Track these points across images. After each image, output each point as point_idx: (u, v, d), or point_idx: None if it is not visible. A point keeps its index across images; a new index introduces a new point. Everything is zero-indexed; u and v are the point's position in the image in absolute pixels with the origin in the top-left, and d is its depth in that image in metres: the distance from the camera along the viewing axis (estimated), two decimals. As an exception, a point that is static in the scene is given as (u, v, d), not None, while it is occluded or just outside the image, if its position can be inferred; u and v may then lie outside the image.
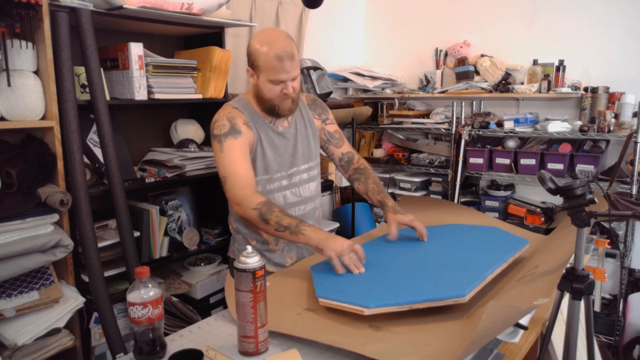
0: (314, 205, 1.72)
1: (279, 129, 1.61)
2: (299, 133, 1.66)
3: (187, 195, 2.35)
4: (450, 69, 3.24)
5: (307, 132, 1.68)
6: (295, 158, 1.64)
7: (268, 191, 1.59)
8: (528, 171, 2.81)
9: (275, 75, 1.48)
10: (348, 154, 1.78)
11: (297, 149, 1.64)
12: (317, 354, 1.07)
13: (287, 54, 1.47)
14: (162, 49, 2.25)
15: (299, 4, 2.93)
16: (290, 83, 1.50)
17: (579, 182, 1.10)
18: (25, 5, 1.52)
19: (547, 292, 1.07)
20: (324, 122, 1.75)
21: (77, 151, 1.68)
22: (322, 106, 1.77)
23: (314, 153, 1.71)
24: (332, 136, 1.76)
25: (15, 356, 1.57)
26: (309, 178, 1.68)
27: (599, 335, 2.65)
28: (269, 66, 1.47)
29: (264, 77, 1.49)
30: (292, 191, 1.64)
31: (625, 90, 2.66)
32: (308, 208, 1.69)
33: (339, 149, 1.77)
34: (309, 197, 1.69)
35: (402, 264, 1.38)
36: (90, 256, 1.72)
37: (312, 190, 1.70)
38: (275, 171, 1.59)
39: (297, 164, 1.64)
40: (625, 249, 2.57)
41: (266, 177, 1.58)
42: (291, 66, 1.48)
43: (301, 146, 1.65)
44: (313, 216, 1.71)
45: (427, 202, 2.20)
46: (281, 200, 1.61)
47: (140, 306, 1.00)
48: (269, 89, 1.51)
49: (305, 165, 1.67)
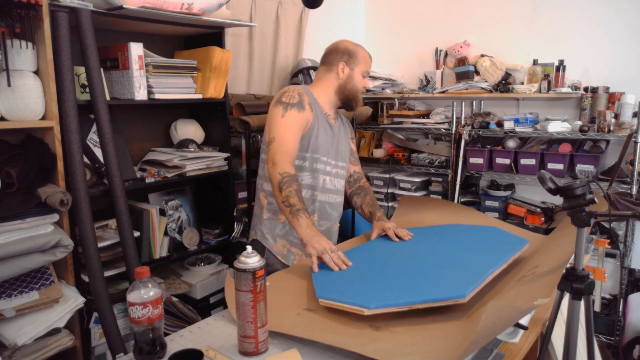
0: (341, 200, 1.86)
1: (331, 122, 1.80)
2: (342, 132, 1.86)
3: (187, 195, 2.35)
4: (450, 69, 3.24)
5: (345, 137, 1.88)
6: (337, 152, 1.81)
7: (314, 169, 1.73)
8: (528, 171, 2.81)
9: (366, 68, 1.79)
10: (358, 174, 1.95)
11: (339, 145, 1.82)
12: (317, 354, 1.07)
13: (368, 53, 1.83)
14: (162, 49, 2.25)
15: (299, 4, 2.93)
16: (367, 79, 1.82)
17: (579, 182, 1.10)
18: (25, 5, 1.52)
19: (547, 292, 1.07)
20: (351, 139, 1.95)
21: (77, 151, 1.68)
22: (349, 122, 1.97)
23: (347, 156, 1.88)
24: (352, 154, 1.94)
25: (15, 356, 1.57)
26: (341, 174, 1.84)
27: (599, 335, 2.65)
28: (363, 59, 1.78)
29: (359, 69, 1.77)
30: (331, 179, 1.79)
31: (625, 90, 2.66)
32: (338, 199, 1.84)
33: (353, 167, 1.94)
34: (340, 190, 1.85)
35: (402, 264, 1.38)
36: (90, 256, 1.71)
37: (342, 186, 1.86)
38: (323, 154, 1.74)
39: (337, 159, 1.81)
40: (625, 249, 2.57)
41: (315, 156, 1.73)
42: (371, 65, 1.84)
43: (341, 145, 1.83)
44: (339, 210, 1.86)
45: (427, 202, 2.19)
46: (321, 182, 1.75)
47: (140, 306, 1.00)
48: (359, 80, 1.78)
49: (342, 162, 1.84)
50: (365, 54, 1.80)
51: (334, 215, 1.84)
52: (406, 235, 1.63)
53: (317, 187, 1.75)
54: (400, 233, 1.64)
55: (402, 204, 2.09)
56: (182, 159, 2.11)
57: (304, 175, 1.73)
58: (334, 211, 1.83)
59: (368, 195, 1.89)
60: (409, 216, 1.96)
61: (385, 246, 1.56)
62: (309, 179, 1.74)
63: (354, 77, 1.77)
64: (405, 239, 1.62)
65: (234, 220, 2.38)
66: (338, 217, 1.87)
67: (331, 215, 1.82)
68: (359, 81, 1.78)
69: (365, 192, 1.90)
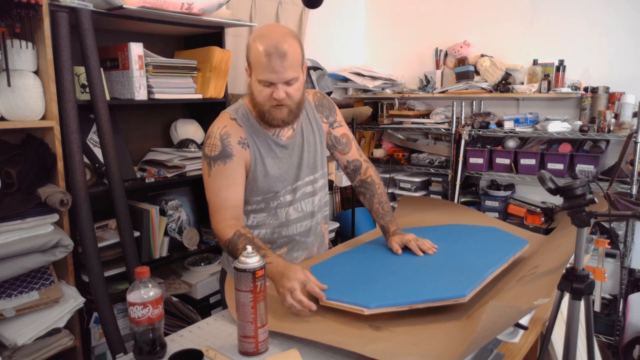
0: (317, 219, 1.56)
1: (282, 140, 1.44)
2: (305, 142, 1.49)
3: (187, 195, 2.35)
4: (450, 69, 3.24)
5: (315, 139, 1.51)
6: (300, 170, 1.48)
7: (272, 208, 1.46)
8: (528, 171, 2.81)
9: (262, 75, 1.29)
10: (355, 162, 1.62)
11: (302, 160, 1.48)
12: (317, 354, 1.07)
13: (278, 52, 1.26)
14: (162, 49, 2.25)
15: (299, 4, 2.93)
16: (282, 87, 1.30)
17: (579, 182, 1.10)
18: (25, 5, 1.52)
19: (547, 292, 1.07)
20: (331, 125, 1.58)
21: (77, 151, 1.68)
22: (329, 106, 1.58)
23: (320, 162, 1.54)
24: (339, 141, 1.59)
25: (15, 356, 1.57)
26: (312, 191, 1.52)
27: (599, 335, 2.65)
28: (258, 63, 1.29)
29: (254, 76, 1.32)
30: (295, 207, 1.49)
31: (625, 90, 2.66)
32: (311, 224, 1.54)
33: (345, 156, 1.61)
34: (311, 212, 1.53)
35: (402, 264, 1.38)
36: (90, 256, 1.71)
37: (315, 204, 1.53)
38: (279, 188, 1.45)
39: (302, 177, 1.49)
40: (625, 249, 2.57)
41: (269, 196, 1.45)
42: (282, 66, 1.27)
43: (307, 156, 1.49)
44: (315, 231, 1.57)
45: (427, 202, 2.19)
46: (283, 217, 1.48)
47: (140, 306, 1.00)
48: (258, 91, 1.33)
49: (309, 177, 1.51)
50: (259, 54, 1.27)
51: (310, 241, 1.56)
52: (430, 249, 1.42)
53: (281, 223, 1.49)
54: (424, 246, 1.42)
55: (402, 204, 2.09)
56: (182, 159, 2.11)
57: (261, 216, 1.48)
58: (309, 237, 1.55)
59: (375, 196, 1.59)
60: (409, 216, 1.95)
61: (385, 246, 1.56)
62: (270, 219, 1.48)
63: (252, 86, 1.35)
64: (429, 252, 1.42)
65: (234, 220, 2.38)
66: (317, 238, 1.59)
67: (306, 243, 1.55)
68: (257, 92, 1.33)
69: (372, 193, 1.60)
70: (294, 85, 1.32)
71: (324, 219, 1.61)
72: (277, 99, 1.30)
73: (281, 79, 1.29)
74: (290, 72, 1.30)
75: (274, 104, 1.32)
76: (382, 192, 1.61)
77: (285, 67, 1.28)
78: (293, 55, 1.30)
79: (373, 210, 1.59)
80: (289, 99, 1.33)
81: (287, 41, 1.29)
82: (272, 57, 1.26)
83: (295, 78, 1.32)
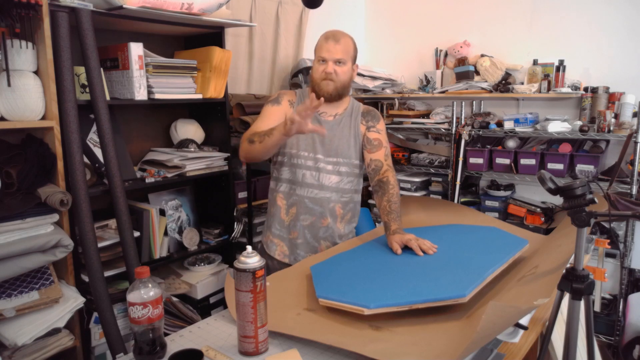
0: (330, 195, 1.78)
1: (322, 118, 1.78)
2: (339, 129, 1.78)
3: (187, 195, 2.35)
4: (450, 69, 3.24)
5: (349, 133, 1.80)
6: (325, 148, 1.76)
7: (292, 164, 1.77)
8: (528, 171, 2.81)
9: (319, 52, 1.71)
10: (376, 162, 1.78)
11: (331, 141, 1.76)
12: (317, 354, 1.07)
13: (333, 36, 1.69)
14: (162, 49, 2.25)
15: (299, 4, 2.93)
16: (331, 64, 1.68)
17: (579, 182, 1.10)
18: (25, 5, 1.52)
19: (547, 292, 1.07)
20: (368, 128, 1.83)
21: (77, 151, 1.68)
22: (374, 116, 1.87)
23: (348, 153, 1.79)
24: (370, 141, 1.82)
25: (15, 356, 1.57)
26: (333, 170, 1.78)
27: (599, 335, 2.65)
28: (317, 45, 1.73)
29: (315, 59, 1.74)
30: (312, 174, 1.76)
31: (625, 90, 2.66)
32: (321, 194, 1.77)
33: (370, 155, 1.81)
34: (327, 186, 1.77)
35: (402, 264, 1.38)
36: (90, 256, 1.71)
37: (331, 182, 1.78)
38: (302, 149, 1.75)
39: (325, 154, 1.76)
40: (625, 249, 2.57)
41: (293, 151, 1.76)
42: (334, 47, 1.68)
43: (337, 141, 1.77)
44: (326, 206, 1.78)
45: (427, 202, 2.20)
46: (300, 177, 1.76)
47: (140, 306, 1.00)
48: (315, 69, 1.73)
49: (334, 158, 1.77)
50: (320, 39, 1.74)
51: (318, 210, 1.77)
52: (430, 248, 1.47)
53: (295, 181, 1.77)
54: (424, 246, 1.47)
55: (402, 204, 2.08)
56: (182, 159, 2.11)
57: (284, 170, 1.80)
58: (317, 206, 1.77)
59: (385, 195, 1.70)
60: (409, 216, 1.96)
61: (385, 246, 1.56)
62: (287, 174, 1.79)
63: (312, 69, 1.76)
64: (429, 252, 1.46)
65: (234, 220, 2.38)
66: (326, 212, 1.78)
67: (313, 210, 1.77)
68: (314, 70, 1.74)
69: (384, 191, 1.72)
70: (341, 67, 1.71)
71: (342, 203, 1.82)
72: (327, 73, 1.69)
73: (332, 57, 1.69)
74: (341, 54, 1.70)
75: (323, 77, 1.70)
76: (394, 193, 1.72)
77: (337, 49, 1.69)
78: (346, 44, 1.72)
79: (381, 207, 1.71)
80: (336, 76, 1.70)
81: (345, 35, 1.73)
82: (329, 40, 1.70)
83: (344, 61, 1.71)
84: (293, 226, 1.80)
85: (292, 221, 1.80)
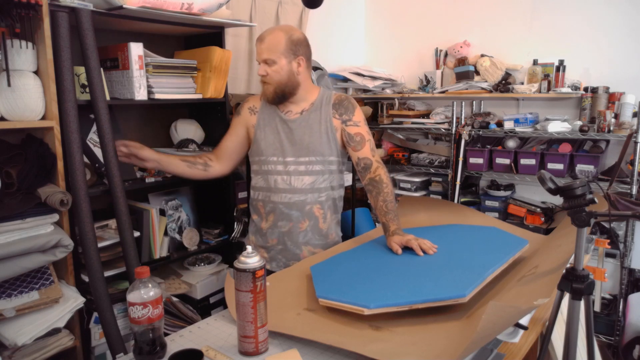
0: (305, 198, 1.72)
1: (286, 117, 1.73)
2: (307, 126, 1.71)
3: (187, 195, 2.35)
4: (450, 69, 3.24)
5: (319, 128, 1.71)
6: (295, 148, 1.71)
7: (263, 171, 1.75)
8: (528, 171, 2.81)
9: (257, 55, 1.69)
10: (365, 160, 1.72)
11: (301, 139, 1.70)
12: (317, 354, 1.07)
13: (260, 35, 1.65)
14: (162, 49, 2.25)
15: (299, 4, 2.93)
16: (262, 66, 1.65)
17: (579, 182, 1.10)
18: (25, 5, 1.52)
19: (547, 292, 1.07)
20: (344, 122, 1.73)
21: (77, 151, 1.68)
22: (347, 107, 1.74)
23: (320, 150, 1.71)
24: (352, 138, 1.73)
25: (15, 356, 1.57)
26: (305, 171, 1.71)
27: (599, 335, 2.65)
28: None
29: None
30: (284, 178, 1.72)
31: (625, 90, 2.66)
32: (295, 198, 1.72)
33: (356, 153, 1.73)
34: (300, 188, 1.71)
35: (402, 264, 1.38)
36: (90, 256, 1.71)
37: (305, 184, 1.71)
38: (269, 154, 1.73)
39: (296, 155, 1.71)
40: (625, 249, 2.57)
41: (262, 158, 1.75)
42: (260, 48, 1.64)
43: (307, 139, 1.70)
44: (302, 209, 1.72)
45: (427, 202, 2.20)
46: (272, 183, 1.73)
47: (140, 306, 1.00)
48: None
49: (305, 158, 1.71)
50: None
51: (295, 215, 1.72)
52: (430, 248, 1.46)
53: (269, 188, 1.75)
54: (424, 246, 1.46)
55: (402, 204, 2.09)
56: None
57: (258, 178, 1.79)
58: (293, 210, 1.72)
59: (380, 194, 1.65)
60: (409, 216, 1.95)
61: (385, 246, 1.56)
62: (261, 181, 1.78)
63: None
64: (429, 252, 1.45)
65: (234, 220, 2.38)
66: (303, 216, 1.73)
67: (290, 215, 1.73)
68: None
69: (378, 190, 1.66)
70: (272, 67, 1.64)
71: (320, 204, 1.75)
72: (259, 74, 1.68)
73: (260, 58, 1.66)
74: (266, 54, 1.64)
75: (260, 79, 1.71)
76: (388, 192, 1.66)
77: (262, 49, 1.64)
78: (271, 41, 1.64)
79: (377, 208, 1.66)
80: (269, 78, 1.66)
81: (273, 32, 1.66)
82: (257, 42, 1.67)
83: (272, 60, 1.64)
84: (271, 233, 1.78)
85: (270, 229, 1.78)
